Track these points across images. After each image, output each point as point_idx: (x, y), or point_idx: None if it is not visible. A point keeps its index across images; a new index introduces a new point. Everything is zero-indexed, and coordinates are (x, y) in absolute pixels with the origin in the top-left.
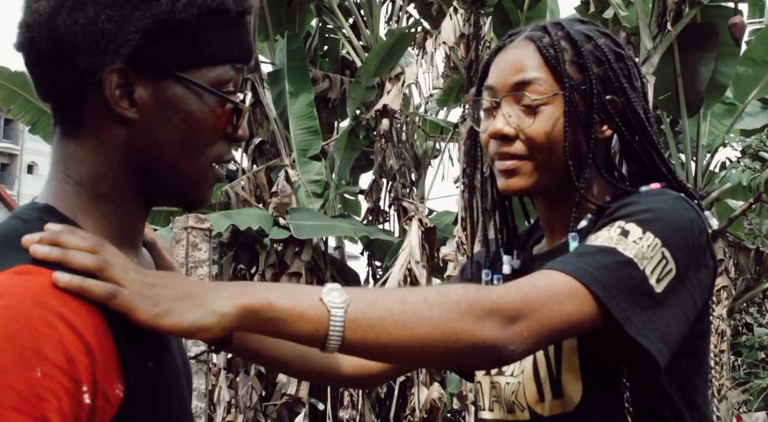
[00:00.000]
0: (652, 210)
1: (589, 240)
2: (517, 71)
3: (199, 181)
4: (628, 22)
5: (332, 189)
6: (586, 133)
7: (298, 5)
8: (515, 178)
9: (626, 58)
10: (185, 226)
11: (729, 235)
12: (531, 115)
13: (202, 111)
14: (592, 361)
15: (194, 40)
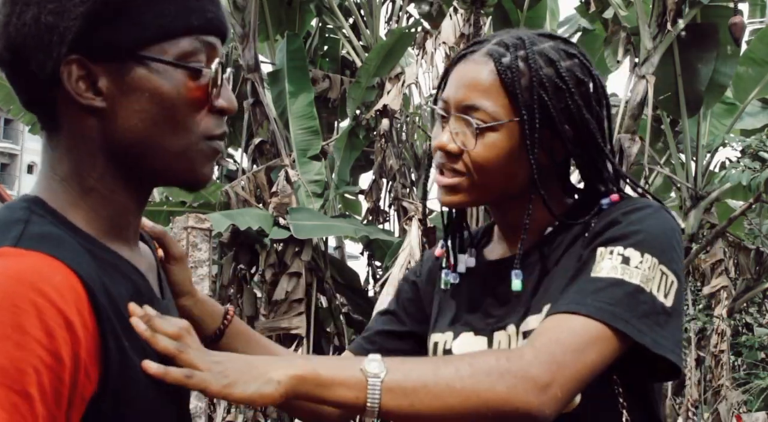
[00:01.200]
0: (642, 230)
1: (594, 270)
2: (471, 90)
3: (190, 156)
4: (628, 22)
5: (332, 189)
6: (531, 158)
7: (298, 5)
8: (453, 194)
9: (588, 82)
10: (185, 226)
11: (729, 235)
12: (476, 138)
13: (169, 87)
14: None
15: (144, 15)
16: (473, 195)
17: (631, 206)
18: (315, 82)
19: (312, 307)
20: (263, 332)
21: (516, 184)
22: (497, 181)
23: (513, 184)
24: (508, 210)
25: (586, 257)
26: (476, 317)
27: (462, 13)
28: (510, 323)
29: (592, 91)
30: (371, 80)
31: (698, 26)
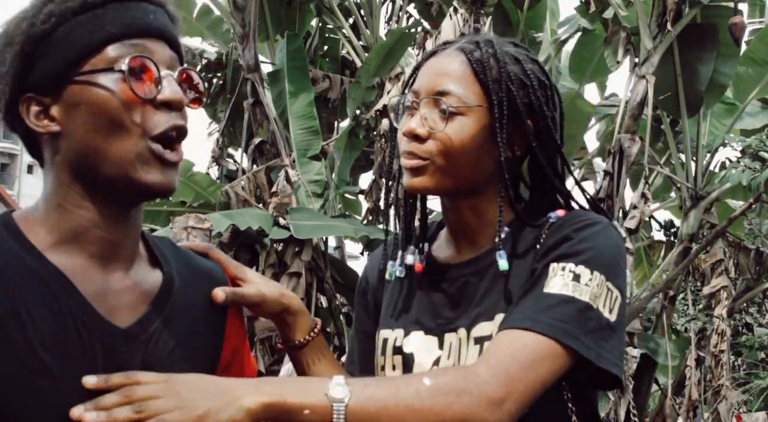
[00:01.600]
0: (592, 247)
1: (547, 285)
2: (442, 78)
3: (135, 162)
4: (628, 22)
5: (332, 189)
6: (497, 149)
7: (298, 5)
8: (419, 177)
9: (548, 87)
10: (185, 226)
11: (729, 235)
12: (445, 120)
13: (102, 94)
14: None
15: (66, 43)
16: (436, 179)
17: (582, 222)
18: (315, 82)
19: (312, 307)
20: (263, 332)
21: (478, 175)
22: (461, 167)
23: (476, 173)
24: (465, 208)
25: (540, 272)
26: (426, 316)
27: (462, 13)
28: (461, 326)
29: (551, 96)
30: (371, 80)
31: (698, 26)
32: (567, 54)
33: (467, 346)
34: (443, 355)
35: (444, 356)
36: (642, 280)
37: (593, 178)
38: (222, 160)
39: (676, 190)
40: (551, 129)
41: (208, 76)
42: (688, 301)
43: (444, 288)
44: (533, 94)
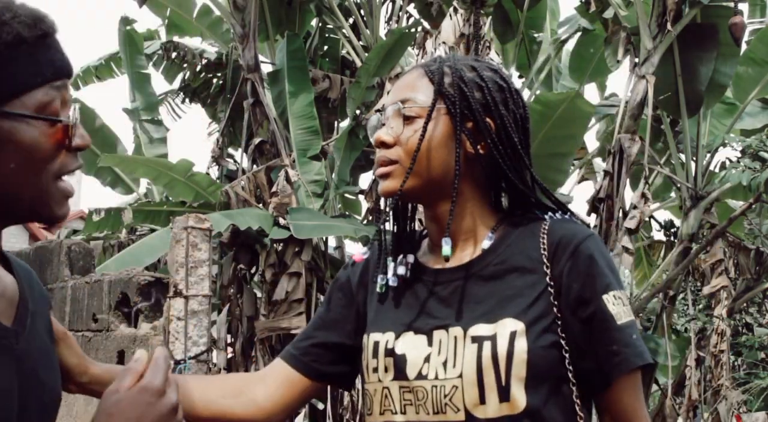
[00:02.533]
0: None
1: (616, 317)
2: (401, 89)
3: (45, 199)
4: (628, 22)
5: (332, 189)
6: (459, 145)
7: (298, 5)
8: (388, 181)
9: (507, 91)
10: (185, 226)
11: (729, 235)
12: (407, 124)
13: (31, 136)
14: (537, 372)
15: (1, 77)
16: (406, 181)
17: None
18: (315, 82)
19: (312, 307)
20: (263, 332)
21: (446, 174)
22: (427, 166)
23: (443, 173)
24: (444, 215)
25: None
26: (416, 319)
27: (462, 13)
28: (455, 325)
29: (509, 97)
30: (371, 80)
31: (698, 26)
32: (567, 54)
33: (463, 344)
34: (433, 352)
35: (434, 352)
36: (642, 280)
37: (593, 178)
38: (222, 160)
39: (676, 190)
40: (509, 128)
41: (208, 76)
42: (688, 301)
43: (436, 291)
44: (489, 94)
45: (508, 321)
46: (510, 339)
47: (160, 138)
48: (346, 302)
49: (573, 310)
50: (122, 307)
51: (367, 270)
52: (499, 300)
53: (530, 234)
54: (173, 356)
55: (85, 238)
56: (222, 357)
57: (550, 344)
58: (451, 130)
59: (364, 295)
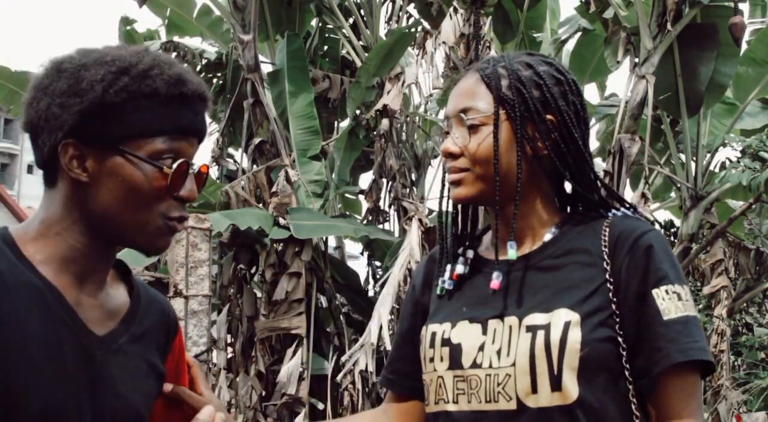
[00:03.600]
0: (671, 262)
1: (663, 313)
2: (461, 98)
3: (146, 230)
4: (628, 22)
5: (332, 189)
6: (521, 148)
7: (298, 5)
8: (459, 188)
9: (565, 83)
10: (185, 226)
11: (729, 235)
12: (472, 134)
13: (137, 176)
14: (590, 363)
15: (127, 119)
16: (476, 187)
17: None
18: (315, 82)
19: (312, 307)
20: (263, 332)
21: (512, 176)
22: (495, 171)
23: (510, 175)
24: (506, 211)
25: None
26: (473, 308)
27: (462, 13)
28: (511, 315)
29: (568, 90)
30: (371, 80)
31: (698, 26)
32: (567, 54)
33: (518, 333)
34: (487, 340)
35: (488, 341)
36: None
37: None
38: (222, 160)
39: (676, 190)
40: (569, 122)
41: (208, 76)
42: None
43: (491, 282)
44: (547, 91)
45: (563, 311)
46: (564, 329)
47: None
48: (415, 310)
49: (631, 306)
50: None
51: (431, 270)
52: (556, 291)
53: (591, 230)
54: None
55: None
56: (222, 357)
57: (605, 338)
58: (512, 134)
59: (430, 294)
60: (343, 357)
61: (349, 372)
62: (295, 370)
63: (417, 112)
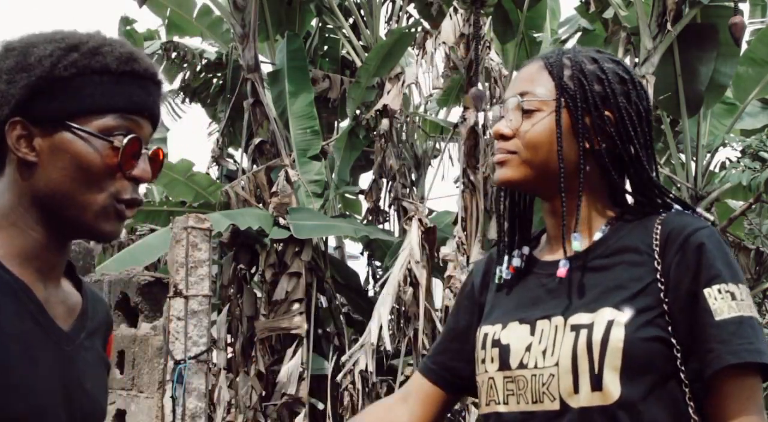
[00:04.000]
0: (726, 261)
1: (715, 313)
2: (521, 82)
3: (98, 213)
4: (628, 22)
5: (332, 189)
6: (577, 140)
7: (298, 5)
8: (504, 169)
9: (629, 82)
10: (185, 226)
11: (729, 235)
12: (526, 118)
13: (88, 152)
14: (633, 363)
15: (77, 94)
16: (521, 170)
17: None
18: (315, 82)
19: (312, 307)
20: (263, 332)
21: (564, 167)
22: (543, 157)
23: (558, 165)
24: (556, 205)
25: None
26: (524, 309)
27: (462, 13)
28: (557, 315)
29: (631, 89)
30: (371, 80)
31: (698, 26)
32: None
33: (563, 333)
34: (534, 341)
35: (535, 342)
36: None
37: None
38: (222, 160)
39: (676, 190)
40: (627, 120)
41: (208, 76)
42: None
43: (545, 283)
44: (609, 87)
45: (607, 310)
46: (606, 328)
47: (160, 138)
48: (472, 308)
49: (682, 306)
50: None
51: (489, 269)
52: (603, 291)
53: (643, 228)
54: (173, 356)
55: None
56: (222, 357)
57: (651, 337)
58: (569, 123)
59: (486, 294)
60: (343, 357)
61: (349, 372)
62: (295, 370)
63: (417, 112)
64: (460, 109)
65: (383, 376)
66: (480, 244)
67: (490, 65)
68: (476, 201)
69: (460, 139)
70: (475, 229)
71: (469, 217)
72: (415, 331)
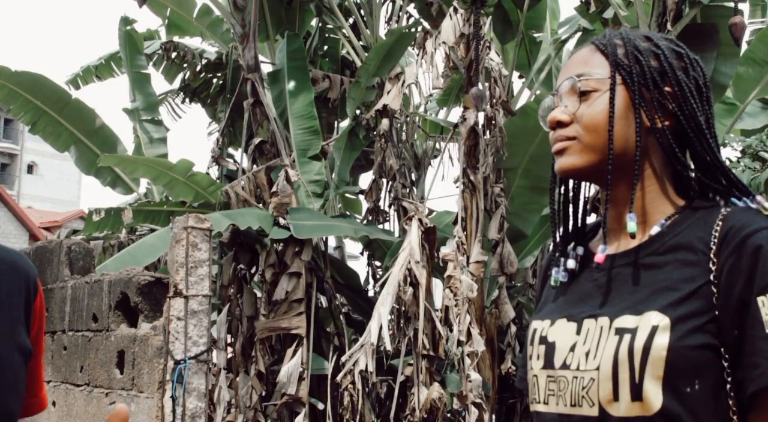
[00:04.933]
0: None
1: (766, 324)
2: (573, 66)
3: None
4: (628, 22)
5: (332, 189)
6: (636, 119)
7: (298, 5)
8: (564, 157)
9: (686, 57)
10: (185, 226)
11: None
12: (583, 100)
13: None
14: (678, 372)
15: None
16: (583, 157)
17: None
18: (315, 82)
19: (312, 307)
20: (263, 332)
21: (624, 148)
22: (604, 140)
23: (621, 147)
24: (618, 191)
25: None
26: (573, 305)
27: (462, 13)
28: (604, 315)
29: (688, 64)
30: (371, 80)
31: (698, 26)
32: (567, 54)
33: (607, 335)
34: (579, 341)
35: (580, 342)
36: None
37: None
38: (222, 160)
39: None
40: (689, 94)
41: (208, 76)
42: None
43: (596, 278)
44: (665, 61)
45: (653, 314)
46: (650, 334)
47: (160, 138)
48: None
49: (732, 313)
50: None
51: (549, 265)
52: (651, 292)
53: (703, 223)
54: (173, 356)
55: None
56: (222, 357)
57: (700, 345)
58: (628, 101)
59: (545, 291)
60: (343, 357)
61: (349, 372)
62: (295, 370)
63: (417, 112)
64: (460, 109)
65: (383, 376)
66: (480, 244)
67: (490, 65)
68: (476, 201)
69: (460, 139)
70: (475, 229)
71: (469, 217)
72: (415, 331)
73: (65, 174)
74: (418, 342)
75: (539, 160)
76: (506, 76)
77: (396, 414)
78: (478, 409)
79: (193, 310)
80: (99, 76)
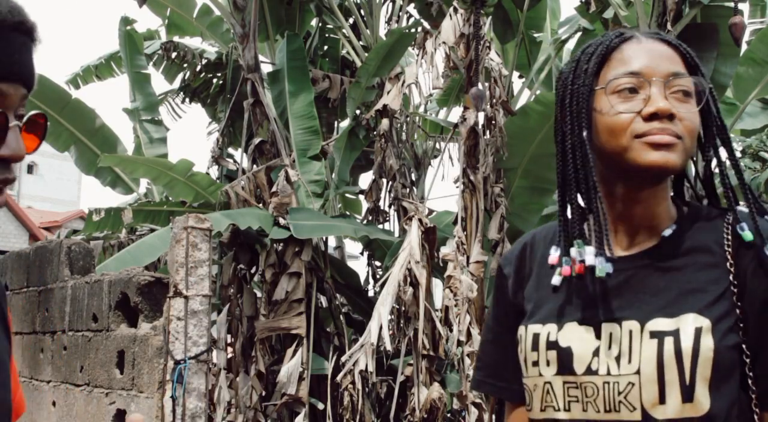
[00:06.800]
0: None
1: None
2: (670, 62)
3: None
4: (628, 22)
5: (332, 189)
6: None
7: (298, 5)
8: (671, 153)
9: None
10: (185, 226)
11: None
12: (683, 102)
13: None
14: (721, 373)
15: None
16: (682, 158)
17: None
18: (315, 82)
19: (312, 307)
20: (263, 332)
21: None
22: (693, 149)
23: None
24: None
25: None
26: (583, 308)
27: (462, 13)
28: (629, 318)
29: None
30: (371, 80)
31: (698, 26)
32: (567, 54)
33: (640, 339)
34: (602, 345)
35: (603, 346)
36: None
37: None
38: (222, 160)
39: None
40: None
41: (208, 76)
42: None
43: (605, 280)
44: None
45: (691, 316)
46: (695, 336)
47: (160, 138)
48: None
49: (756, 315)
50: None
51: (522, 265)
52: (679, 294)
53: (712, 226)
54: (173, 356)
55: (85, 238)
56: (222, 357)
57: (733, 345)
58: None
59: (522, 293)
60: (343, 357)
61: (349, 372)
62: (295, 370)
63: (417, 112)
64: (460, 109)
65: (383, 376)
66: (480, 244)
67: (490, 65)
68: (476, 201)
69: (460, 139)
70: (475, 229)
71: (469, 217)
72: (415, 331)
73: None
74: (418, 342)
75: (539, 160)
76: (506, 76)
77: (396, 414)
78: (478, 409)
79: (193, 310)
80: (99, 76)
